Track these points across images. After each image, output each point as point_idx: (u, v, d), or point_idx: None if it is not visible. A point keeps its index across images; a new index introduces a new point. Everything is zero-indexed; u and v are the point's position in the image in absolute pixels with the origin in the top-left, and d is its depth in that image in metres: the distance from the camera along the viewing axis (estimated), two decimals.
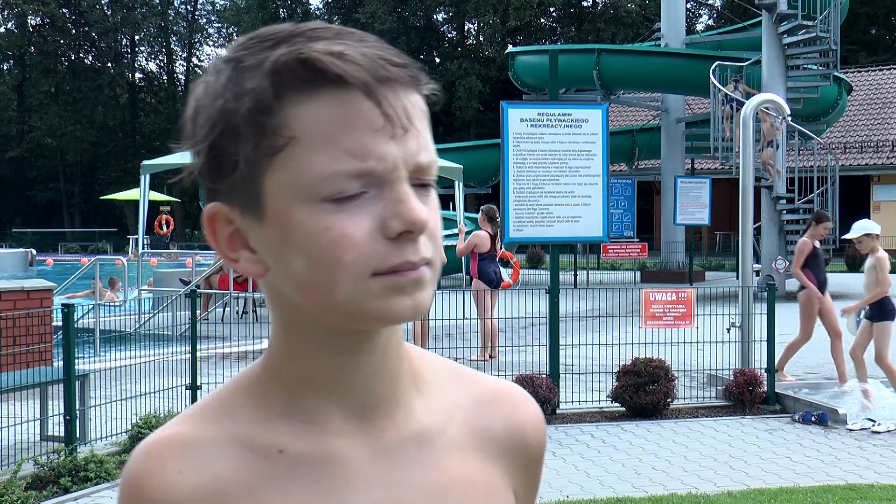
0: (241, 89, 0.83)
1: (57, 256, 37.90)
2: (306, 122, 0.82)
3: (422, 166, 0.85)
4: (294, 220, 0.83)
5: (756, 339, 9.51)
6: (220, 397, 0.93)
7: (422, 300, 0.85)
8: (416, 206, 0.83)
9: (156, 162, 17.21)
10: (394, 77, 0.83)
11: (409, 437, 0.92)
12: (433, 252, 0.86)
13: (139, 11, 56.50)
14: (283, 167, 0.83)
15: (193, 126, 0.87)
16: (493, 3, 47.53)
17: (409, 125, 0.84)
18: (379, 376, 0.91)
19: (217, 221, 0.88)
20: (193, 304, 8.72)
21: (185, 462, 0.88)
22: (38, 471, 6.38)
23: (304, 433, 0.90)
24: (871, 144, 34.59)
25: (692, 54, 23.66)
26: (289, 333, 0.90)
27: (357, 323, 0.86)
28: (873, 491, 6.19)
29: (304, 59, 0.82)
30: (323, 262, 0.82)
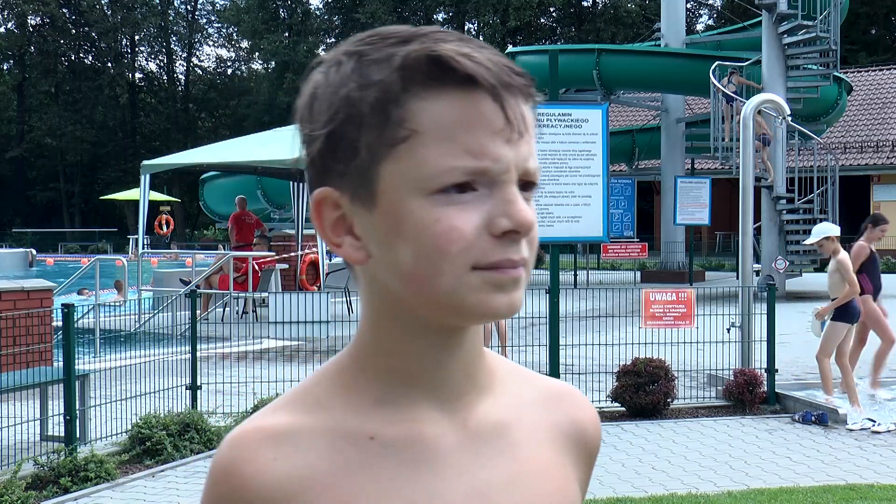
0: (366, 80, 0.86)
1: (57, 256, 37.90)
2: (429, 116, 0.85)
3: (529, 171, 0.88)
4: (406, 210, 0.86)
5: (756, 339, 9.51)
6: (309, 388, 0.95)
7: (517, 299, 0.88)
8: (524, 207, 0.86)
9: (156, 162, 17.22)
10: (515, 84, 0.87)
11: (490, 427, 0.96)
12: (530, 254, 0.89)
13: (139, 11, 56.50)
14: (402, 158, 0.85)
15: (310, 113, 0.90)
16: (493, 3, 47.55)
17: (524, 131, 0.87)
18: (464, 369, 0.94)
19: (324, 206, 0.90)
20: (193, 304, 8.72)
21: (279, 450, 0.90)
22: (38, 471, 6.37)
23: (394, 421, 0.92)
24: (871, 144, 34.59)
25: (692, 54, 23.65)
26: (381, 324, 0.93)
27: (455, 316, 0.89)
28: (873, 491, 6.19)
29: (436, 56, 0.84)
30: (430, 252, 0.85)
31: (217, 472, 0.92)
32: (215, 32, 61.85)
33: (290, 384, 8.49)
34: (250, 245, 17.12)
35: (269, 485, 0.89)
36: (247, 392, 8.71)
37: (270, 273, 16.15)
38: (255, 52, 59.01)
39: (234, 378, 9.68)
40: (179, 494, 6.25)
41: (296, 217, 17.73)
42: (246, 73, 63.29)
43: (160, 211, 32.18)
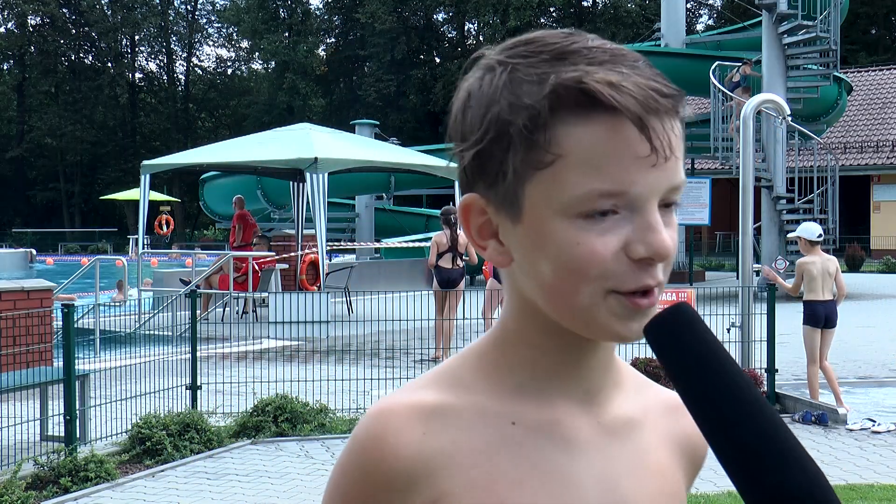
0: (518, 101, 0.88)
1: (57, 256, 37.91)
2: (575, 142, 0.87)
3: (674, 188, 0.90)
4: (548, 230, 0.89)
5: (756, 339, 9.50)
6: (452, 370, 0.98)
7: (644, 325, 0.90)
8: (664, 236, 0.88)
9: (156, 162, 17.22)
10: (662, 108, 0.88)
11: (622, 423, 1.00)
12: (665, 275, 0.91)
13: (139, 11, 56.51)
14: (546, 181, 0.88)
15: (462, 123, 0.93)
16: (493, 3, 47.56)
17: (670, 154, 0.88)
18: (600, 367, 0.99)
19: (472, 210, 0.94)
20: (193, 304, 8.71)
21: (428, 426, 0.93)
22: (38, 471, 6.37)
23: (534, 408, 0.96)
24: (871, 144, 34.60)
25: (692, 54, 23.66)
26: (524, 319, 0.96)
27: (586, 333, 0.92)
28: (873, 491, 6.19)
29: (585, 88, 0.86)
30: (569, 271, 0.88)
31: (363, 441, 0.94)
32: (215, 32, 61.89)
33: (290, 384, 8.50)
34: (250, 245, 17.11)
35: (415, 458, 0.92)
36: (247, 392, 8.70)
37: (270, 273, 16.15)
38: (255, 52, 59.02)
39: (234, 378, 9.67)
40: (179, 494, 6.25)
41: (296, 217, 17.72)
42: (246, 73, 63.30)
43: (160, 211, 32.19)
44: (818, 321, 8.65)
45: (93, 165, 57.36)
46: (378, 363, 10.56)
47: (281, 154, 15.41)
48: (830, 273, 8.69)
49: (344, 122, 34.28)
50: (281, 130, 18.11)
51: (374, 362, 10.58)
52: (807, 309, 8.77)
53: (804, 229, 8.88)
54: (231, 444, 7.42)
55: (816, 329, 8.69)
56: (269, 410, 7.71)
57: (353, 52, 56.19)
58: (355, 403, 8.48)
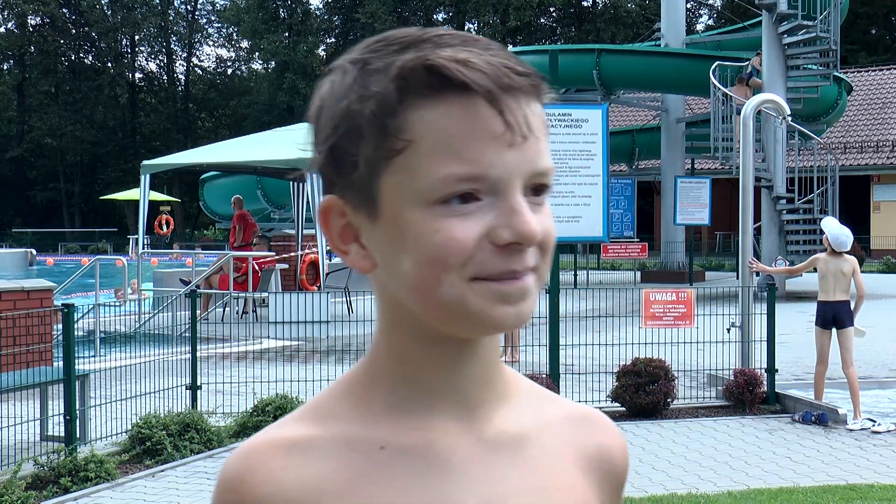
0: (366, 91, 0.85)
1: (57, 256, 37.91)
2: (427, 126, 0.83)
3: (539, 172, 0.86)
4: (406, 222, 0.85)
5: (756, 339, 9.51)
6: (321, 401, 0.95)
7: (525, 309, 0.87)
8: (528, 218, 0.84)
9: (156, 162, 17.22)
10: (517, 85, 0.85)
11: (508, 440, 0.94)
12: (540, 261, 0.87)
13: (139, 11, 56.49)
14: (401, 170, 0.84)
15: (316, 125, 0.90)
16: (493, 3, 47.55)
17: (528, 133, 0.85)
18: (480, 379, 0.93)
19: (331, 214, 0.91)
20: (193, 304, 8.72)
21: (289, 460, 0.90)
22: (38, 471, 6.37)
23: (407, 430, 0.91)
24: (871, 144, 34.59)
25: (692, 54, 23.65)
26: (394, 332, 0.92)
27: (461, 328, 0.88)
28: (873, 491, 6.19)
29: (430, 64, 0.83)
30: (429, 262, 0.84)
31: (226, 481, 0.91)
32: (215, 32, 61.87)
33: (290, 384, 8.50)
34: (250, 245, 17.11)
35: (277, 494, 0.89)
36: (247, 392, 8.70)
37: (270, 273, 16.15)
38: (255, 52, 59.00)
39: (234, 378, 9.67)
40: (179, 494, 6.25)
41: (296, 217, 17.72)
42: (246, 73, 63.30)
43: (160, 211, 32.19)
44: (825, 322, 8.56)
45: (93, 165, 57.35)
46: None
47: (281, 154, 15.41)
48: (844, 273, 8.44)
49: None
50: (281, 130, 18.10)
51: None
52: (816, 309, 8.73)
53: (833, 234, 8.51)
54: (231, 444, 7.42)
55: (825, 330, 8.57)
56: (269, 410, 7.71)
57: None
58: None
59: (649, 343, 9.08)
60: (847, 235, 8.59)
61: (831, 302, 8.49)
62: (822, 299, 8.60)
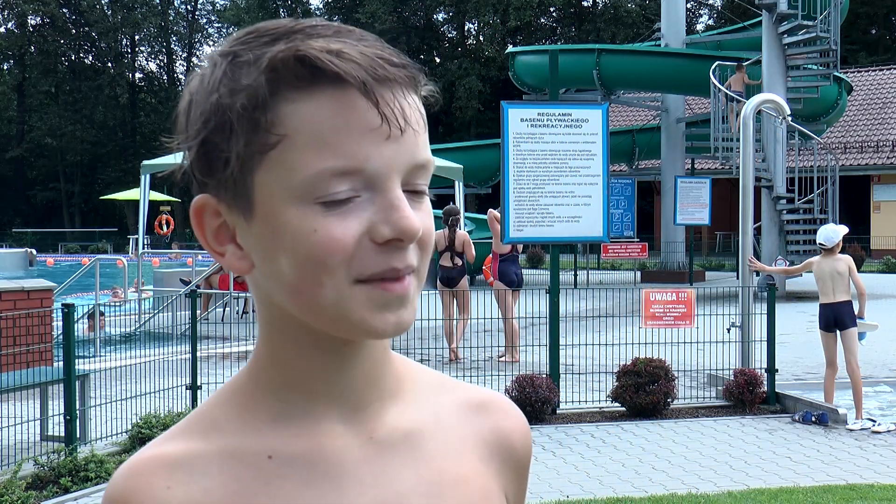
0: (236, 85, 0.82)
1: (57, 256, 37.91)
2: (300, 119, 0.81)
3: (418, 164, 0.84)
4: (283, 220, 0.82)
5: (756, 339, 9.51)
6: (205, 412, 0.91)
7: (405, 317, 0.84)
8: (408, 213, 0.82)
9: (156, 162, 17.22)
10: (392, 77, 0.82)
11: (400, 437, 0.92)
12: (420, 260, 0.85)
13: (139, 11, 56.48)
14: (274, 165, 0.81)
15: (186, 120, 0.86)
16: (493, 3, 47.53)
17: (405, 125, 0.82)
18: (366, 378, 0.90)
19: (205, 214, 0.87)
20: (193, 304, 8.72)
21: (172, 478, 0.86)
22: (38, 471, 6.37)
23: (294, 437, 0.88)
24: (871, 144, 34.59)
25: (692, 54, 23.65)
26: (275, 336, 0.89)
27: (341, 332, 0.85)
28: (873, 491, 6.19)
29: (302, 56, 0.80)
30: (308, 263, 0.81)
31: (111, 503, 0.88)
32: (215, 32, 61.85)
33: None
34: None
35: None
36: None
37: None
38: None
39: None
40: None
41: None
42: None
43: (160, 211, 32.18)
44: (827, 324, 8.54)
45: (93, 165, 57.35)
46: None
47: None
48: (840, 272, 8.40)
49: None
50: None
51: None
52: (818, 312, 8.72)
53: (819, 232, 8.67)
54: None
55: (828, 333, 8.55)
56: None
57: None
58: None
59: (649, 343, 9.08)
60: (834, 230, 8.62)
61: (832, 304, 8.46)
62: (822, 302, 8.59)
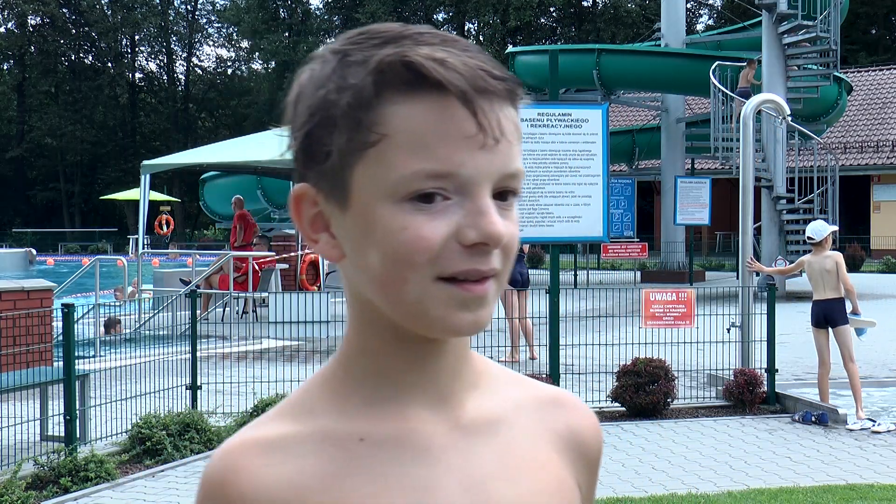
0: (343, 83, 0.86)
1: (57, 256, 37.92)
2: (401, 121, 0.84)
3: (509, 174, 0.87)
4: (376, 216, 0.86)
5: (756, 339, 9.51)
6: (298, 397, 0.96)
7: (483, 316, 0.88)
8: (495, 220, 0.85)
9: (156, 162, 17.23)
10: (491, 88, 0.85)
11: (482, 425, 0.96)
12: (503, 264, 0.88)
13: (139, 11, 56.47)
14: (373, 162, 0.85)
15: (294, 111, 0.92)
16: (493, 3, 47.54)
17: (500, 136, 0.86)
18: (451, 369, 0.94)
19: (303, 202, 0.92)
20: (193, 304, 8.72)
21: (270, 458, 0.91)
22: (38, 471, 6.37)
23: (384, 421, 0.92)
24: (871, 144, 34.59)
25: (692, 54, 23.65)
26: (363, 327, 0.93)
27: (419, 328, 0.89)
28: (873, 491, 6.19)
29: (408, 61, 0.84)
30: (396, 259, 0.85)
31: (209, 483, 0.92)
32: (215, 32, 61.86)
33: (290, 384, 8.50)
34: (250, 245, 17.10)
35: (261, 492, 0.89)
36: (247, 392, 8.70)
37: (270, 273, 16.15)
38: (255, 52, 59.01)
39: (234, 378, 9.67)
40: (179, 494, 6.25)
41: None
42: (246, 73, 63.29)
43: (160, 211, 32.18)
44: (818, 321, 8.58)
45: (93, 165, 57.34)
46: None
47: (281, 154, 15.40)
48: (828, 270, 8.41)
49: None
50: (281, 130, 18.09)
51: None
52: (810, 310, 8.75)
53: (809, 228, 8.76)
54: None
55: (819, 329, 8.60)
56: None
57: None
58: None
59: (649, 343, 9.07)
60: (822, 224, 8.71)
61: (822, 301, 8.53)
62: (814, 299, 8.65)
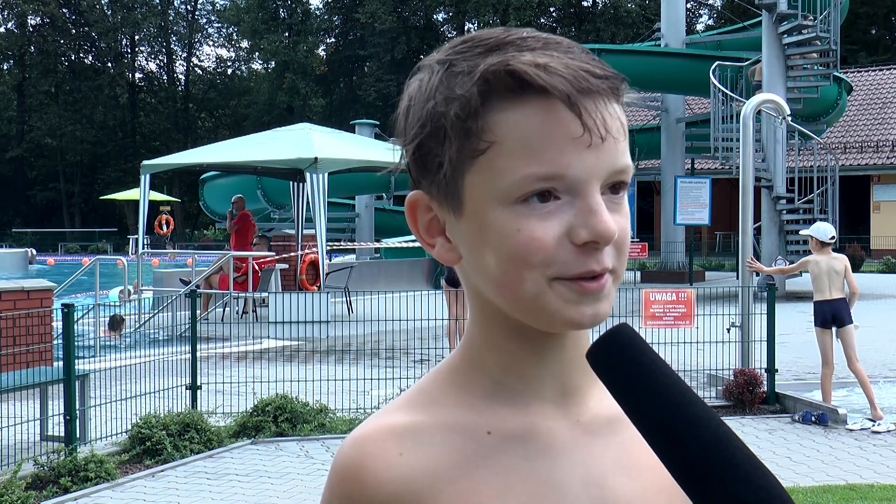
0: (451, 94, 0.89)
1: (57, 256, 37.92)
2: (509, 128, 0.87)
3: (617, 171, 0.89)
4: (489, 220, 0.88)
5: (756, 339, 9.51)
6: (423, 388, 0.98)
7: (602, 310, 0.90)
8: (605, 218, 0.87)
9: (156, 162, 17.23)
10: (595, 88, 0.87)
11: (602, 422, 0.98)
12: (617, 261, 0.90)
13: (139, 11, 56.50)
14: (484, 169, 0.88)
15: (405, 122, 0.94)
16: (493, 3, 47.57)
17: (606, 134, 0.87)
18: (573, 365, 0.96)
19: (418, 208, 0.94)
20: (193, 304, 8.71)
21: (403, 446, 0.92)
22: (38, 471, 6.37)
23: (509, 415, 0.94)
24: (871, 144, 34.60)
25: (692, 54, 23.65)
26: (485, 322, 0.95)
27: (539, 324, 0.91)
28: (873, 491, 6.19)
29: (512, 69, 0.86)
30: (512, 260, 0.87)
31: (343, 470, 0.93)
32: (215, 32, 61.89)
33: (290, 384, 8.50)
34: (250, 245, 17.10)
35: (397, 480, 0.91)
36: (247, 392, 8.70)
37: (270, 273, 16.15)
38: (255, 52, 59.02)
39: (234, 378, 9.67)
40: (179, 494, 6.25)
41: (296, 217, 17.71)
42: (246, 73, 63.30)
43: (160, 211, 32.21)
44: (825, 321, 8.56)
45: (93, 165, 57.35)
46: (378, 363, 10.57)
47: (281, 154, 15.41)
48: (837, 271, 8.47)
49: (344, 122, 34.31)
50: (281, 130, 18.11)
51: (374, 362, 10.59)
52: (814, 309, 8.73)
53: (816, 229, 8.73)
54: (231, 444, 7.43)
55: (825, 330, 8.57)
56: (269, 410, 7.71)
57: (353, 52, 56.19)
58: (355, 403, 8.48)
59: (649, 343, 9.05)
60: (828, 225, 8.78)
61: (829, 300, 8.49)
62: (818, 299, 8.60)
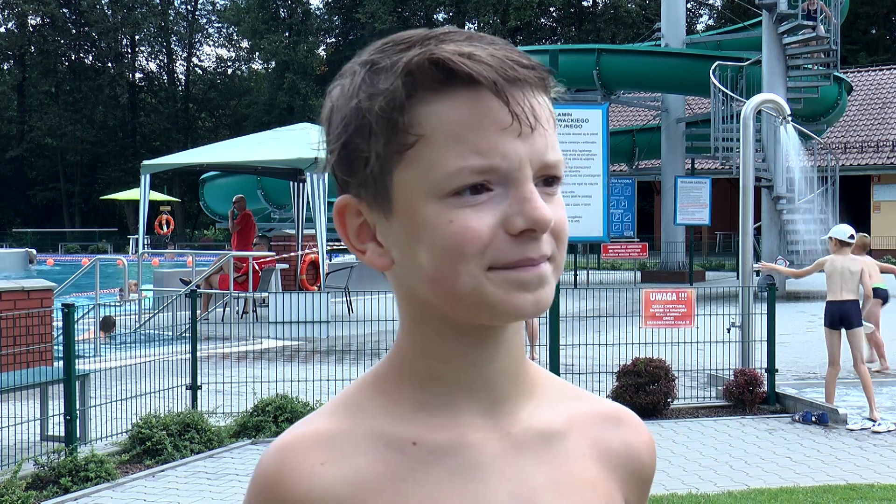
0: (374, 90, 0.87)
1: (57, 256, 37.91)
2: (436, 120, 0.85)
3: (548, 164, 0.87)
4: (421, 216, 0.86)
5: (756, 339, 9.51)
6: (350, 395, 0.95)
7: (544, 297, 0.87)
8: (540, 205, 0.85)
9: (156, 162, 17.22)
10: (522, 77, 0.86)
11: (535, 435, 0.95)
12: (555, 249, 0.88)
13: (139, 11, 56.48)
14: (412, 164, 0.86)
15: (328, 125, 0.93)
16: (493, 3, 47.55)
17: (535, 124, 0.86)
18: (505, 373, 0.93)
19: (347, 213, 0.92)
20: (193, 304, 8.71)
21: (326, 455, 0.90)
22: (38, 471, 6.37)
23: (437, 426, 0.92)
24: (871, 144, 34.59)
25: (692, 54, 23.65)
26: (417, 328, 0.92)
27: (481, 317, 0.88)
28: (873, 491, 6.19)
29: (436, 59, 0.85)
30: (446, 254, 0.85)
31: (263, 478, 0.91)
32: (215, 32, 61.85)
33: (290, 384, 8.50)
34: (250, 245, 17.10)
35: (316, 491, 0.88)
36: (247, 392, 8.70)
37: (270, 273, 16.15)
38: (255, 52, 58.98)
39: (234, 378, 9.68)
40: (179, 494, 6.25)
41: (296, 217, 17.71)
42: (246, 73, 63.28)
43: (160, 211, 32.21)
44: (832, 322, 8.54)
45: (93, 165, 57.34)
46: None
47: (281, 154, 15.41)
48: (853, 272, 8.44)
49: None
50: (281, 130, 18.11)
51: (374, 362, 10.56)
52: (824, 309, 8.73)
53: (836, 229, 8.75)
54: (231, 444, 7.43)
55: (833, 331, 8.55)
56: (270, 410, 7.71)
57: (353, 52, 55.22)
58: None
59: (649, 343, 9.08)
60: (847, 225, 8.82)
61: (839, 301, 8.48)
62: (829, 299, 8.60)
